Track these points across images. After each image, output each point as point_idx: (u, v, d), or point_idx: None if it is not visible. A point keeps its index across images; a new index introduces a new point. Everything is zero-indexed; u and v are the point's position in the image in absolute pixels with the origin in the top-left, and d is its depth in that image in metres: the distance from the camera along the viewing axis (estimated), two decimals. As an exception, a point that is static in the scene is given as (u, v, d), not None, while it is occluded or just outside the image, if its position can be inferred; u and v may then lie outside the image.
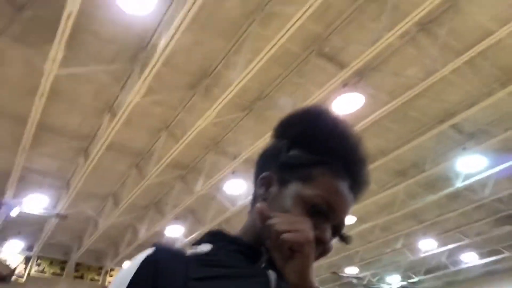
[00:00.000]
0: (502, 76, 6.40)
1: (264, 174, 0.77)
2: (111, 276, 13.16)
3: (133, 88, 5.78)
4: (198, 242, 0.77)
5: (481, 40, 5.58)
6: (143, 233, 10.15)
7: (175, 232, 9.92)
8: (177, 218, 9.54)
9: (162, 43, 5.28)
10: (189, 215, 9.95)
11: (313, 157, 0.75)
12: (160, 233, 10.09)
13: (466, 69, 6.23)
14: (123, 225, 10.74)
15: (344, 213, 0.75)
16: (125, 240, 11.27)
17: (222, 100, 6.00)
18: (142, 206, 9.77)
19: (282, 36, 5.19)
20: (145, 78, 5.65)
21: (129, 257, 12.25)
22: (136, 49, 6.00)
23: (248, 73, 5.68)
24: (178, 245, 10.55)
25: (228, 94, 5.95)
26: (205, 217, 9.37)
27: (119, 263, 12.67)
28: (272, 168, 0.77)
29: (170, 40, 5.16)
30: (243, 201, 8.26)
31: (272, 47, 5.34)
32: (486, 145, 7.29)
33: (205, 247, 0.74)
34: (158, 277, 0.64)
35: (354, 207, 0.81)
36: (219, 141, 7.73)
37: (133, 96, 5.78)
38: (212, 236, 0.78)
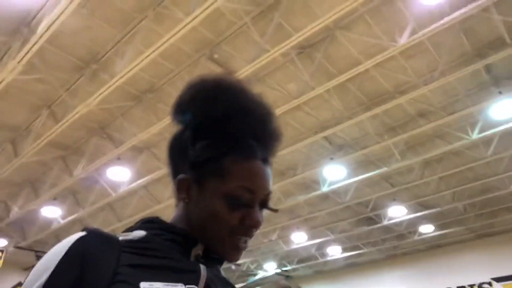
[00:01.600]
0: (367, 102, 7.41)
1: (179, 177, 0.75)
2: (-25, 253, 12.05)
3: (9, 63, 5.45)
4: (130, 229, 0.74)
5: (351, 68, 6.39)
6: (15, 210, 9.54)
7: (52, 213, 9.50)
8: (56, 199, 9.15)
9: (45, 21, 5.08)
10: (70, 196, 9.61)
11: (220, 148, 0.73)
12: (35, 212, 9.59)
13: (338, 91, 7.08)
14: (-7, 201, 9.95)
15: (267, 188, 0.75)
16: (-5, 216, 10.44)
17: (108, 87, 5.97)
18: (16, 183, 9.16)
19: (173, 35, 5.37)
20: (25, 54, 5.38)
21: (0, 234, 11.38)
22: (19, 23, 5.65)
23: (137, 64, 5.74)
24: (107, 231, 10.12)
25: (115, 82, 5.95)
26: (86, 199, 9.15)
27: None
28: (185, 167, 0.75)
29: (55, 20, 4.99)
30: (126, 187, 8.28)
31: (163, 44, 5.47)
32: (349, 157, 8.36)
33: (139, 234, 0.72)
34: (87, 262, 0.62)
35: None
36: (106, 126, 7.62)
37: (8, 72, 5.46)
38: (147, 223, 0.76)
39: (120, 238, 0.69)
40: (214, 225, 0.72)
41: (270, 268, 14.69)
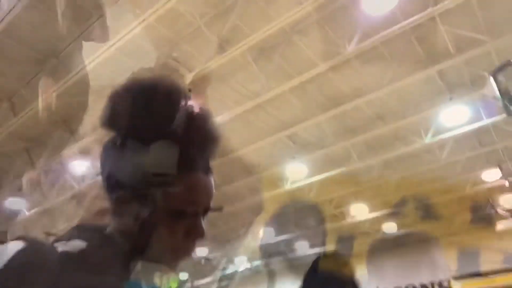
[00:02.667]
0: (326, 103, 7.62)
1: (119, 194, 0.73)
2: None
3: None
4: (67, 237, 0.70)
5: (308, 70, 6.57)
6: (-20, 201, 9.51)
7: (17, 205, 9.50)
8: (20, 190, 9.15)
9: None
10: (36, 188, 9.61)
11: None
12: (0, 204, 9.57)
13: (299, 92, 7.26)
14: (-43, 191, 9.88)
15: (210, 198, 0.75)
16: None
17: (67, 81, 6.04)
18: (-20, 174, 9.13)
19: (129, 31, 5.48)
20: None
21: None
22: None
23: (94, 59, 5.83)
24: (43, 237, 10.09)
25: (73, 76, 6.02)
26: (51, 192, 9.17)
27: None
28: (122, 180, 0.73)
29: (8, 14, 5.06)
30: (90, 181, 8.34)
31: (119, 39, 5.58)
32: (312, 156, 8.59)
33: (78, 245, 0.67)
34: (27, 279, 0.57)
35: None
36: (67, 120, 7.66)
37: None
38: (84, 232, 0.72)
39: (59, 249, 0.64)
40: (157, 241, 0.71)
41: (241, 263, 14.89)
